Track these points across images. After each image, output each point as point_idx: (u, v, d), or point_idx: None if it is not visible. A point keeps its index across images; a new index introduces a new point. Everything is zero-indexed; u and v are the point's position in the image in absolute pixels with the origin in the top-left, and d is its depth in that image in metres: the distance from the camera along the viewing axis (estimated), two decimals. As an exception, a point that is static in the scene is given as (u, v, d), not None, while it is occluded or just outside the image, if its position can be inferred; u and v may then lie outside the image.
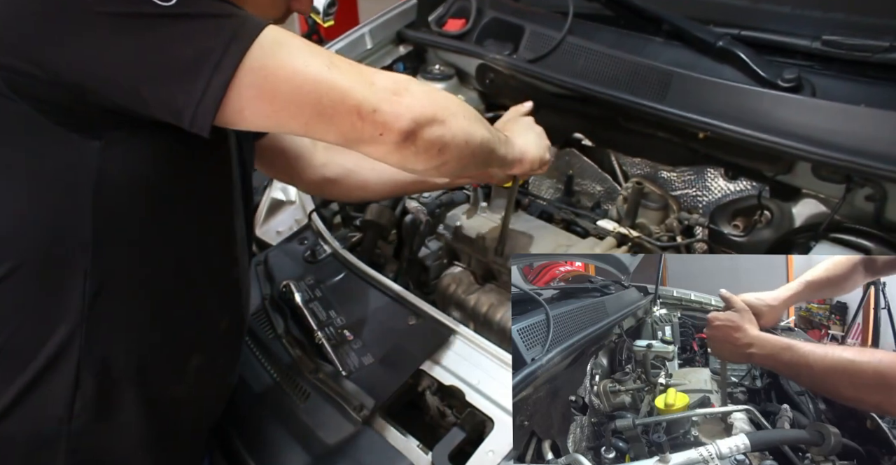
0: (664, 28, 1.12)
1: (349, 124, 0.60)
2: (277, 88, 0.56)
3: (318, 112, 0.59)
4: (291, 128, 0.62)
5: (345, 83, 0.59)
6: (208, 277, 0.75)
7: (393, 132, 0.61)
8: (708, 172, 1.16)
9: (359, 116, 0.60)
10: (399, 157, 0.64)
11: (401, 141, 0.62)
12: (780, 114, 0.93)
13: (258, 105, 0.57)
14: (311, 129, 0.61)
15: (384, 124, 0.61)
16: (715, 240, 1.13)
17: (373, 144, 0.62)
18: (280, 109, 0.58)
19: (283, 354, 0.97)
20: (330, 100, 0.58)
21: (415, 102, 0.62)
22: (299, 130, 0.61)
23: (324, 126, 0.61)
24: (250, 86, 0.55)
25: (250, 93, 0.55)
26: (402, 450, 0.81)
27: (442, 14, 1.44)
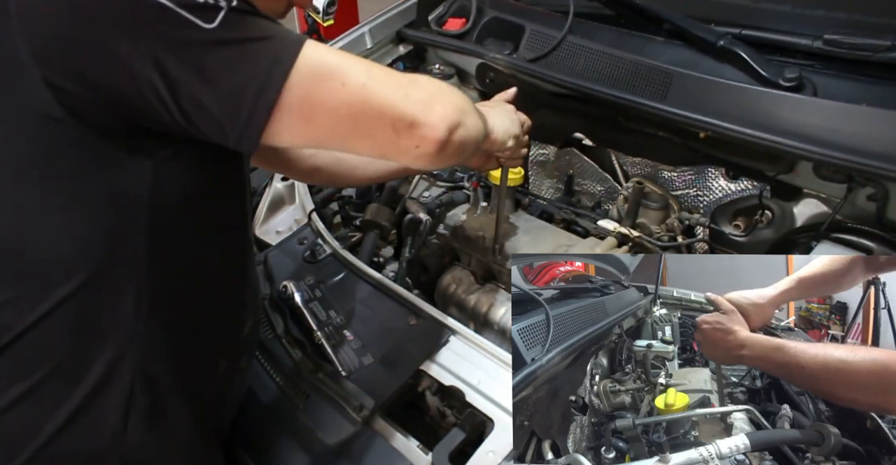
0: (665, 27, 1.12)
1: (386, 139, 0.61)
2: (316, 110, 0.58)
3: (355, 129, 0.60)
4: (330, 145, 0.63)
5: (381, 99, 0.60)
6: (235, 283, 0.78)
7: (430, 143, 0.62)
8: (709, 171, 1.15)
9: (395, 131, 0.61)
10: (429, 163, 0.65)
11: (436, 151, 0.63)
12: (782, 113, 0.93)
13: (298, 126, 0.58)
14: (348, 145, 0.63)
15: (421, 138, 0.61)
16: (716, 240, 1.12)
17: (408, 154, 0.63)
18: (319, 128, 0.59)
19: (283, 354, 0.97)
20: (367, 118, 0.60)
21: (445, 110, 0.63)
22: (337, 146, 0.63)
23: (361, 142, 0.62)
24: (291, 109, 0.56)
25: (291, 115, 0.57)
26: (402, 450, 0.81)
27: (442, 13, 1.44)
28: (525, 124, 0.95)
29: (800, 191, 1.05)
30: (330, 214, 1.32)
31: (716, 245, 1.13)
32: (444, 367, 0.87)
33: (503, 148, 0.88)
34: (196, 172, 0.64)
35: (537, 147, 1.40)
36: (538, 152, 1.41)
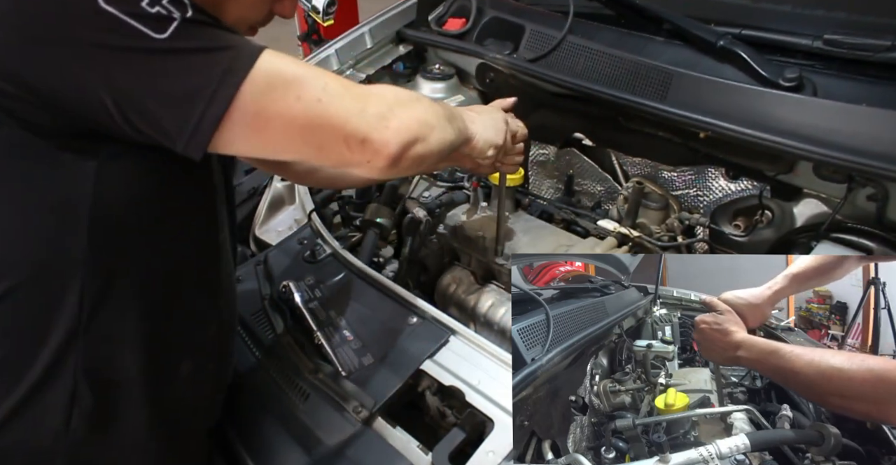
0: (665, 27, 1.12)
1: (338, 154, 0.62)
2: (268, 123, 0.58)
3: (307, 143, 0.61)
4: (282, 157, 0.65)
5: (335, 115, 0.60)
6: (197, 286, 0.76)
7: (381, 158, 0.63)
8: (709, 171, 1.15)
9: (347, 146, 0.61)
10: (383, 175, 0.66)
11: (387, 165, 0.63)
12: (782, 113, 0.93)
13: (249, 137, 0.58)
14: (301, 156, 0.63)
15: (374, 152, 0.62)
16: (716, 240, 1.12)
17: (360, 167, 0.64)
18: (269, 141, 0.60)
19: (283, 354, 0.97)
20: (320, 133, 0.60)
21: (402, 125, 0.63)
22: (289, 158, 0.64)
23: (314, 155, 0.63)
24: (242, 120, 0.56)
25: (241, 126, 0.56)
26: (402, 450, 0.81)
27: (442, 13, 1.44)
28: (519, 132, 0.94)
29: (800, 191, 1.05)
30: (330, 214, 1.32)
31: (716, 245, 1.13)
32: (444, 367, 0.87)
33: (482, 156, 0.87)
34: (143, 171, 0.63)
35: (537, 147, 1.40)
36: (538, 152, 1.41)
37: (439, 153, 0.71)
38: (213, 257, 0.78)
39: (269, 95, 0.57)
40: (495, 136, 0.87)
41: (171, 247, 0.70)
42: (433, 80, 1.43)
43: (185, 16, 0.53)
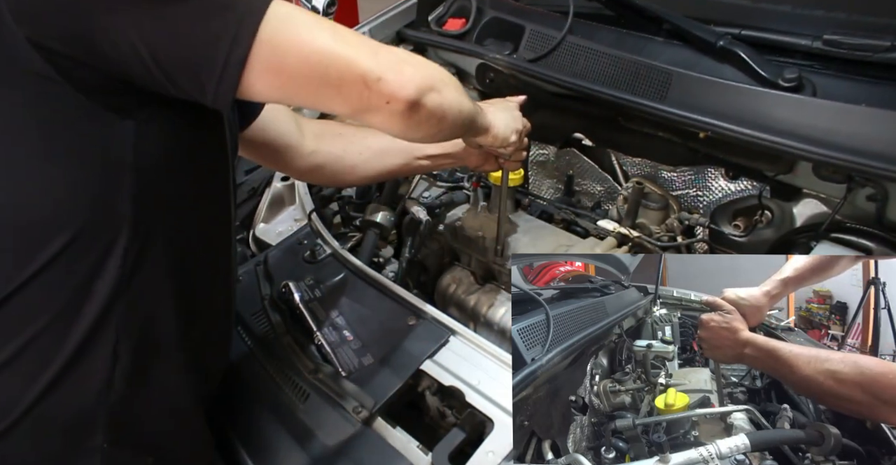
0: (664, 27, 1.12)
1: (356, 94, 0.62)
2: (286, 61, 0.59)
3: (325, 83, 0.61)
4: (301, 99, 0.65)
5: (350, 53, 0.61)
6: (213, 251, 0.80)
7: (399, 101, 0.63)
8: (708, 171, 1.15)
9: (365, 85, 0.62)
10: (404, 126, 0.67)
11: (406, 110, 0.64)
12: (781, 113, 0.93)
13: (269, 77, 0.59)
14: (320, 99, 0.64)
15: (391, 93, 0.63)
16: (715, 240, 1.12)
17: (379, 112, 0.64)
18: (289, 80, 0.60)
19: (283, 354, 0.97)
20: (336, 70, 0.61)
21: (417, 71, 0.65)
22: (308, 101, 0.64)
23: (332, 96, 0.63)
24: (262, 59, 0.57)
25: (262, 66, 0.58)
26: (401, 450, 0.81)
27: (442, 13, 1.44)
28: (525, 126, 0.95)
29: (799, 191, 1.05)
30: (330, 214, 1.32)
31: (716, 245, 1.13)
32: (444, 367, 0.87)
33: (506, 143, 0.89)
34: (175, 136, 0.66)
35: (537, 147, 1.41)
36: (538, 152, 1.41)
37: (460, 114, 0.73)
38: (228, 217, 0.82)
39: (286, 35, 0.58)
40: (513, 121, 0.90)
41: (197, 206, 0.74)
42: (433, 80, 1.42)
43: None
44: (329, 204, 1.34)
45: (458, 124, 0.75)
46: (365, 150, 1.05)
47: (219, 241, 0.82)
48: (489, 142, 0.89)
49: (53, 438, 0.67)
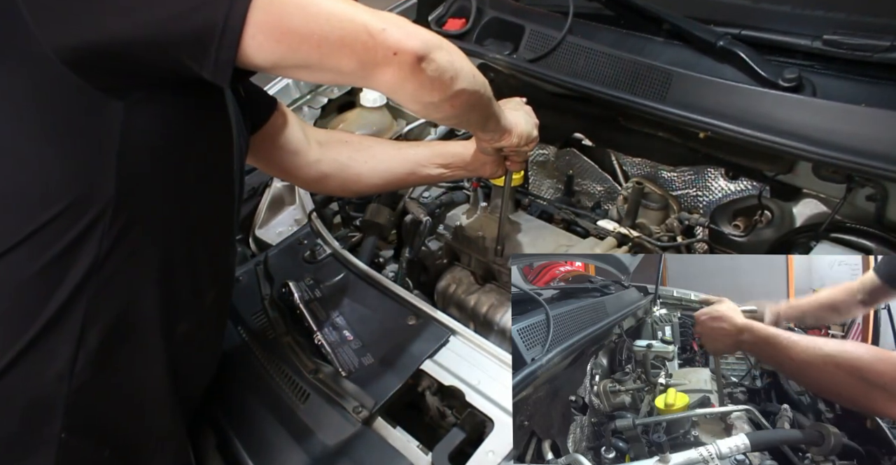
0: (664, 28, 1.12)
1: (362, 45, 0.61)
2: (290, 17, 0.58)
3: (329, 37, 0.60)
4: (306, 55, 0.62)
5: (352, 7, 0.61)
6: (206, 247, 0.78)
7: (406, 52, 0.62)
8: (708, 171, 1.15)
9: (370, 35, 0.61)
10: (415, 83, 0.65)
11: (415, 62, 0.63)
12: (781, 114, 0.93)
13: (273, 39, 0.58)
14: (325, 55, 0.61)
15: (397, 43, 0.62)
16: (715, 240, 1.12)
17: (388, 65, 0.63)
18: (293, 36, 0.59)
19: (283, 354, 0.97)
20: (339, 21, 0.60)
21: (419, 30, 0.64)
22: (314, 56, 0.61)
23: (338, 50, 0.61)
24: (264, 16, 0.56)
25: (265, 24, 0.56)
26: (402, 450, 0.81)
27: (442, 14, 1.44)
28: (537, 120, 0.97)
29: (799, 191, 1.05)
30: (330, 214, 1.32)
31: (716, 245, 1.13)
32: (444, 367, 0.87)
33: (529, 140, 0.91)
34: (169, 119, 0.64)
35: (537, 147, 1.41)
36: (538, 152, 1.41)
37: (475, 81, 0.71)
38: (225, 222, 0.81)
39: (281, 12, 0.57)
40: (530, 116, 0.93)
41: (188, 197, 0.72)
42: (433, 80, 1.42)
43: None
44: (329, 204, 1.34)
45: (475, 93, 0.73)
46: (370, 158, 1.05)
47: (215, 239, 0.80)
48: (514, 142, 0.89)
49: (9, 420, 0.65)
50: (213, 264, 0.81)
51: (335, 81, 1.15)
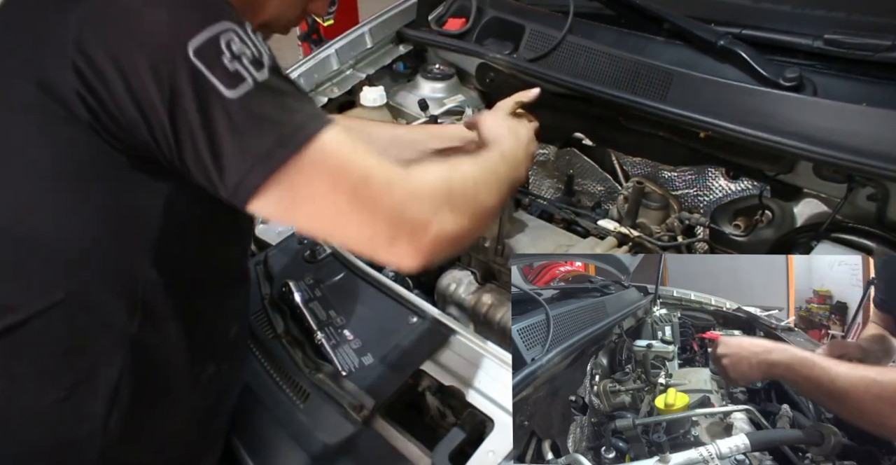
0: (665, 27, 1.12)
1: (360, 246, 0.61)
2: (300, 203, 0.58)
3: (332, 229, 0.61)
4: (310, 233, 0.66)
5: (358, 223, 0.59)
6: (228, 287, 0.80)
7: (408, 264, 0.61)
8: (709, 171, 1.15)
9: (372, 245, 0.60)
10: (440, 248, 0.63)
11: (418, 266, 0.61)
12: (782, 113, 0.93)
13: (281, 210, 0.59)
14: (327, 238, 0.65)
15: (398, 257, 0.61)
16: (716, 240, 1.12)
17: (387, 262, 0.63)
18: (299, 218, 0.60)
19: (283, 354, 0.97)
20: (347, 222, 0.59)
21: (440, 235, 0.61)
22: (318, 236, 0.65)
23: (337, 241, 0.63)
24: (276, 193, 0.56)
25: (275, 198, 0.57)
26: (402, 450, 0.81)
27: (442, 13, 1.44)
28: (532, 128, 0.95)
29: (800, 191, 1.05)
30: (330, 214, 1.32)
31: (716, 245, 1.13)
32: (444, 367, 0.87)
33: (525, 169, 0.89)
34: (204, 198, 0.64)
35: (537, 147, 1.40)
36: (538, 152, 1.41)
37: (491, 187, 0.70)
38: (242, 260, 0.83)
39: (308, 176, 0.57)
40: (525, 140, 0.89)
41: (216, 253, 0.74)
42: (433, 80, 1.43)
43: (256, 80, 0.55)
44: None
45: (504, 196, 0.73)
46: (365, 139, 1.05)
47: (235, 279, 0.82)
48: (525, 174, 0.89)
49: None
50: (234, 303, 0.83)
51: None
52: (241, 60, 0.54)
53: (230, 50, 0.54)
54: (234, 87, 0.54)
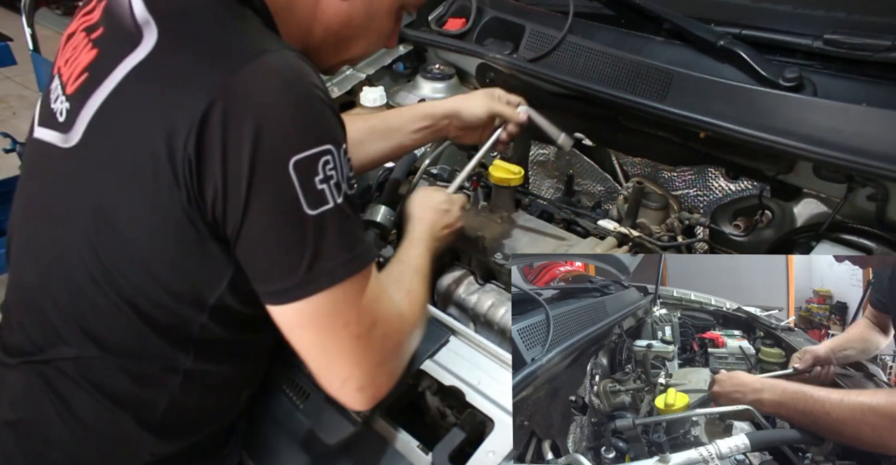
0: (665, 27, 1.12)
1: (329, 383, 0.69)
2: (310, 328, 0.65)
3: (318, 356, 0.68)
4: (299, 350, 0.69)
5: (348, 369, 0.67)
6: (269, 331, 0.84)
7: (361, 404, 0.70)
8: (709, 171, 1.15)
9: (342, 383, 0.68)
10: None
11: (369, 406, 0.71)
12: (782, 113, 0.93)
13: (293, 325, 0.65)
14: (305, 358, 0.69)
15: (357, 401, 0.70)
16: (716, 240, 1.12)
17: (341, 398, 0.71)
18: (301, 338, 0.66)
19: (283, 354, 0.97)
20: (336, 360, 0.67)
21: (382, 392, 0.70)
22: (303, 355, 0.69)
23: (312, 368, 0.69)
24: (301, 308, 0.62)
25: (296, 315, 0.63)
26: (401, 450, 0.81)
27: (442, 13, 1.44)
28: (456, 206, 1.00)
29: (800, 191, 1.05)
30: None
31: (716, 245, 1.13)
32: (444, 367, 0.87)
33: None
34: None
35: (537, 147, 1.41)
36: (538, 152, 1.41)
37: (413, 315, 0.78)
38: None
39: (329, 312, 0.63)
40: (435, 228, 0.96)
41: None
42: (433, 80, 1.42)
43: (338, 203, 0.61)
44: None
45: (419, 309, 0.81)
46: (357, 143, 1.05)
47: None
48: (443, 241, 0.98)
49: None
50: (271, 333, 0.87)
51: None
52: (328, 183, 0.59)
53: (324, 171, 0.59)
54: (316, 207, 0.59)
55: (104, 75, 0.63)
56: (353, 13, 0.74)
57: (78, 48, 0.70)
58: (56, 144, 0.68)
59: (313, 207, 0.59)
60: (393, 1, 0.78)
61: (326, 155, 0.59)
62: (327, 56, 0.79)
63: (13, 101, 4.25)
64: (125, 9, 0.65)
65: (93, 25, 0.70)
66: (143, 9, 0.63)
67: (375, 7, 0.76)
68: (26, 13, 2.07)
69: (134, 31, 0.62)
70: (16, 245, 0.78)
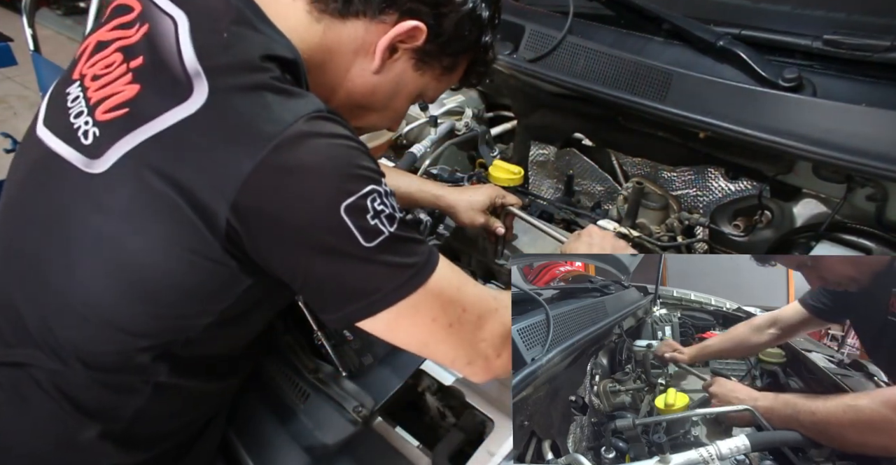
0: (664, 27, 1.12)
1: (443, 360, 0.74)
2: (398, 332, 0.69)
3: (419, 350, 0.72)
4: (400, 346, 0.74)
5: (445, 347, 0.71)
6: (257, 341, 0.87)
7: (481, 377, 0.74)
8: (708, 171, 1.15)
9: (451, 362, 0.73)
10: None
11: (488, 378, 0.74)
12: (781, 113, 0.93)
13: (382, 329, 0.69)
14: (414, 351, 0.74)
15: (473, 373, 0.74)
16: (715, 240, 1.12)
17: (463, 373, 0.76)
18: (395, 338, 0.70)
19: (283, 354, 0.97)
20: (436, 348, 0.71)
21: (500, 362, 0.73)
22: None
23: (425, 355, 0.76)
24: (378, 322, 0.66)
25: (377, 325, 0.67)
26: (402, 450, 0.81)
27: (442, 14, 1.43)
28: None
29: (799, 191, 1.05)
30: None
31: (716, 245, 1.13)
32: (444, 367, 0.87)
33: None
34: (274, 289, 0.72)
35: (537, 147, 1.41)
36: (538, 152, 1.41)
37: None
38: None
39: (417, 310, 0.67)
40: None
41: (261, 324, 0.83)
42: (433, 80, 1.42)
43: (391, 232, 0.64)
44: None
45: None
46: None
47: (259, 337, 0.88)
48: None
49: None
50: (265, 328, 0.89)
51: None
52: (379, 217, 0.63)
53: (373, 208, 0.63)
54: (372, 240, 0.63)
55: (147, 118, 0.63)
56: (379, 87, 0.78)
57: (112, 69, 0.68)
58: (77, 165, 0.67)
59: (370, 241, 0.63)
60: (417, 87, 0.82)
61: (372, 194, 0.63)
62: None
63: (13, 101, 4.25)
64: (173, 51, 0.64)
65: (131, 48, 0.68)
66: (193, 59, 0.63)
67: (401, 87, 0.80)
68: (27, 13, 2.07)
69: (184, 81, 0.63)
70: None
